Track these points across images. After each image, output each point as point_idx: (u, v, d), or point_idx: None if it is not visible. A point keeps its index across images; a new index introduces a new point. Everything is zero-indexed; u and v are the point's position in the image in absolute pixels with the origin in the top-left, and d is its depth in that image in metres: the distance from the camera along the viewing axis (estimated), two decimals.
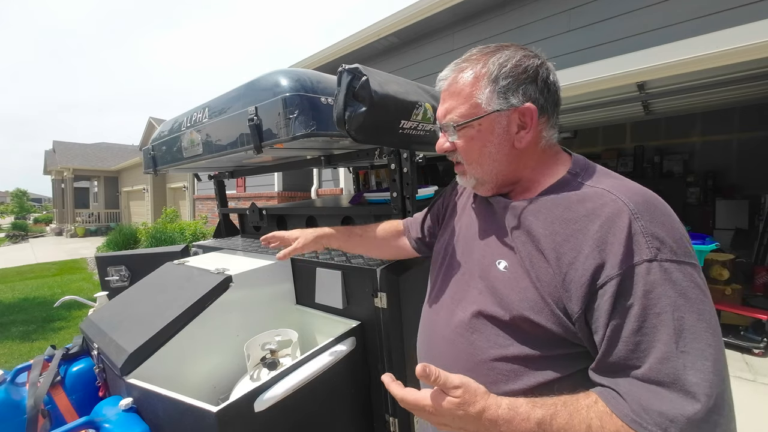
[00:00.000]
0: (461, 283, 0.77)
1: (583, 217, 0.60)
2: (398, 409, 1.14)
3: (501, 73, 0.66)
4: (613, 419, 0.52)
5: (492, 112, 0.67)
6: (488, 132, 0.69)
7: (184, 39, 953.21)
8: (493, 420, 0.53)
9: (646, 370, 0.52)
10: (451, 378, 0.54)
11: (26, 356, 3.45)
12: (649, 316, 0.52)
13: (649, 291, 0.52)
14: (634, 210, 0.57)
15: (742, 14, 2.26)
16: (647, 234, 0.55)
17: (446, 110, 0.72)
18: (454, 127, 0.70)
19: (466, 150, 0.72)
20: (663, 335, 0.51)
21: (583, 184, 0.65)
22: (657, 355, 0.51)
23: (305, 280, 1.39)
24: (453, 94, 0.71)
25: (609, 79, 2.77)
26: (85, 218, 16.90)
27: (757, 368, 2.82)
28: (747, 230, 5.15)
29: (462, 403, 0.53)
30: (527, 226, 0.66)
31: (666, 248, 0.54)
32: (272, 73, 1.15)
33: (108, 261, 1.87)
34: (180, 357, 1.09)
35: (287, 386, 0.89)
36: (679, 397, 0.49)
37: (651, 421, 0.49)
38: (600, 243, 0.56)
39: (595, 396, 0.55)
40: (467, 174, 0.75)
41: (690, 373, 0.49)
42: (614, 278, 0.54)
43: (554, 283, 0.60)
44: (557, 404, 0.54)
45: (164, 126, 1.67)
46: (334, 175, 5.60)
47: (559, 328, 0.60)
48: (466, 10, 3.42)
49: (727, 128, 5.46)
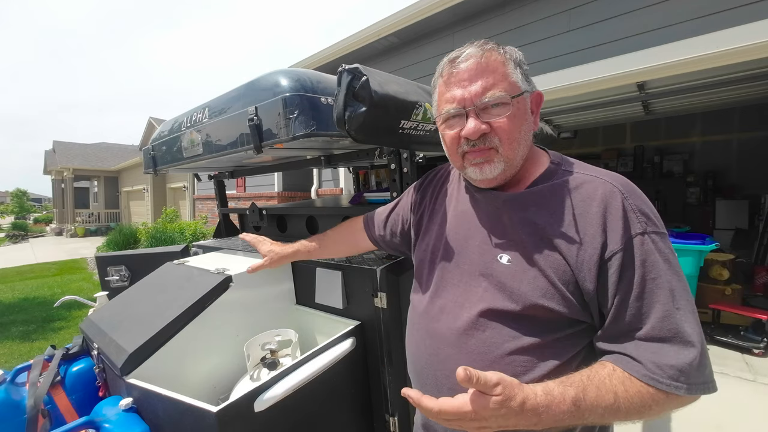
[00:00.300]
0: (462, 285, 0.75)
1: (581, 202, 0.65)
2: (398, 409, 1.14)
3: (520, 59, 0.71)
4: (633, 382, 0.57)
5: (525, 92, 0.69)
6: (523, 112, 0.70)
7: (185, 39, 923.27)
8: (533, 409, 0.53)
9: (649, 329, 0.58)
10: (488, 377, 0.52)
11: (26, 356, 3.45)
12: (647, 282, 0.59)
13: (645, 260, 0.60)
14: (623, 191, 0.64)
15: (742, 14, 2.26)
16: (636, 210, 0.62)
17: (485, 87, 0.66)
18: (512, 97, 0.67)
19: (509, 129, 0.67)
20: (660, 296, 0.59)
21: (570, 173, 0.70)
22: (657, 314, 0.58)
23: (305, 280, 1.39)
24: (488, 70, 0.67)
25: (609, 79, 2.77)
26: (85, 218, 16.90)
27: (757, 368, 2.82)
28: (747, 230, 5.15)
29: (504, 399, 0.52)
30: (531, 217, 0.68)
31: (651, 222, 0.62)
32: (272, 73, 1.15)
33: (108, 261, 1.87)
34: (180, 357, 1.09)
35: (287, 386, 0.89)
36: (681, 347, 0.57)
37: (665, 375, 0.56)
38: (602, 222, 0.62)
39: (611, 365, 0.60)
40: (497, 159, 0.69)
41: (686, 326, 0.58)
42: (618, 252, 0.60)
43: (564, 268, 0.63)
44: (584, 380, 0.57)
45: (164, 126, 1.67)
46: (334, 175, 5.60)
47: (568, 309, 0.63)
48: (466, 10, 3.42)
49: (727, 128, 5.46)
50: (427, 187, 0.95)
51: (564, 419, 0.54)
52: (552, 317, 0.64)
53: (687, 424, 2.20)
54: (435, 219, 0.88)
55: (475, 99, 0.67)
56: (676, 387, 0.55)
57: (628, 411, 0.56)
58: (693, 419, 2.25)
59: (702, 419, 2.24)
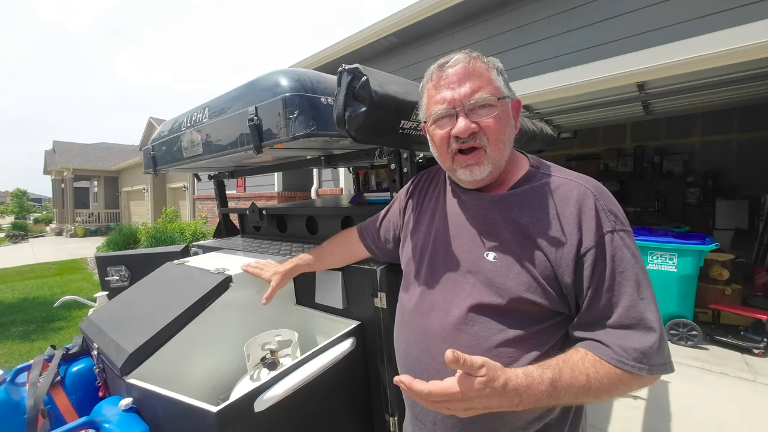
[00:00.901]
0: (450, 282, 0.78)
1: (559, 202, 0.72)
2: (398, 409, 1.14)
3: (501, 68, 0.77)
4: (602, 364, 0.63)
5: (506, 96, 0.75)
6: (507, 115, 0.75)
7: (185, 39, 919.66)
8: (515, 389, 0.58)
9: (617, 317, 0.65)
10: (474, 359, 0.56)
11: (26, 356, 3.45)
12: (616, 275, 0.66)
13: (614, 255, 0.67)
14: (594, 193, 0.71)
15: (742, 14, 2.26)
16: (606, 210, 0.69)
17: (473, 89, 0.71)
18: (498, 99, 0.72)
19: (496, 129, 0.72)
20: (627, 288, 0.65)
21: (547, 176, 0.76)
22: (624, 304, 0.65)
23: (305, 280, 1.39)
24: (474, 74, 0.72)
25: (609, 79, 2.77)
26: (85, 218, 16.91)
27: (757, 368, 2.82)
28: (747, 230, 5.15)
29: (488, 380, 0.56)
30: (514, 216, 0.74)
31: (619, 221, 0.69)
32: (272, 73, 1.15)
33: (108, 261, 1.87)
34: (180, 357, 1.09)
35: (287, 386, 0.88)
36: (644, 333, 0.64)
37: (629, 357, 0.63)
38: (577, 221, 0.69)
39: (583, 350, 0.66)
40: (485, 160, 0.74)
41: (648, 313, 0.65)
42: (592, 248, 0.67)
43: (545, 264, 0.69)
44: (559, 363, 0.63)
45: (164, 126, 1.67)
46: (334, 175, 5.60)
47: (550, 301, 0.69)
48: (466, 10, 3.42)
49: (727, 128, 5.47)
50: (415, 190, 1.00)
51: (543, 399, 0.59)
52: (534, 310, 0.70)
53: (687, 424, 2.20)
54: (423, 220, 0.91)
55: (464, 100, 0.72)
56: (639, 368, 0.62)
57: (599, 390, 0.62)
58: (694, 419, 2.25)
59: (703, 419, 2.24)
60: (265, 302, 1.14)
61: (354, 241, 1.17)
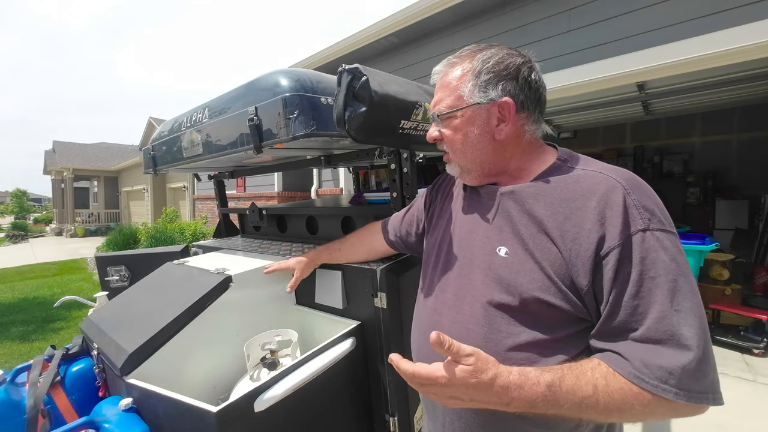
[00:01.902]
0: (462, 278, 0.76)
1: (580, 195, 0.64)
2: (398, 409, 1.14)
3: (483, 68, 0.71)
4: (616, 377, 0.56)
5: (472, 104, 0.72)
6: (469, 123, 0.74)
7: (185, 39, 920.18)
8: (504, 386, 0.54)
9: (644, 330, 0.56)
10: (463, 347, 0.54)
11: (26, 356, 3.45)
12: (645, 280, 0.57)
13: (644, 257, 0.57)
14: (626, 186, 0.62)
15: (742, 14, 2.26)
16: (639, 206, 0.60)
17: (435, 102, 0.78)
18: (438, 116, 0.77)
19: (450, 139, 0.77)
20: (658, 296, 0.56)
21: (573, 168, 0.70)
22: (654, 315, 0.56)
23: (305, 281, 1.39)
24: (442, 86, 0.76)
25: (609, 79, 2.77)
26: (85, 218, 16.90)
27: (757, 368, 2.82)
28: (747, 230, 5.15)
29: (475, 370, 0.53)
30: (528, 208, 0.69)
31: (655, 219, 0.60)
32: (272, 73, 1.15)
33: (108, 261, 1.87)
34: (180, 357, 1.09)
35: (287, 386, 0.88)
36: (675, 350, 0.54)
37: (652, 375, 0.54)
38: (600, 217, 0.61)
39: (597, 360, 0.59)
40: (452, 162, 0.80)
41: (684, 329, 0.55)
42: (615, 248, 0.58)
43: (560, 261, 0.63)
44: (563, 369, 0.57)
45: (164, 126, 1.67)
46: (334, 175, 5.60)
47: (567, 304, 0.62)
48: (466, 10, 3.42)
49: (727, 128, 5.46)
50: (439, 188, 1.00)
51: (538, 403, 0.54)
52: (551, 314, 0.63)
53: (687, 424, 2.20)
54: (443, 216, 0.91)
55: (431, 110, 0.79)
56: (663, 390, 0.53)
57: (607, 406, 0.55)
58: (693, 419, 2.24)
59: (702, 419, 2.24)
60: (290, 291, 1.26)
61: (376, 233, 1.18)
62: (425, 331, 0.80)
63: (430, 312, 0.81)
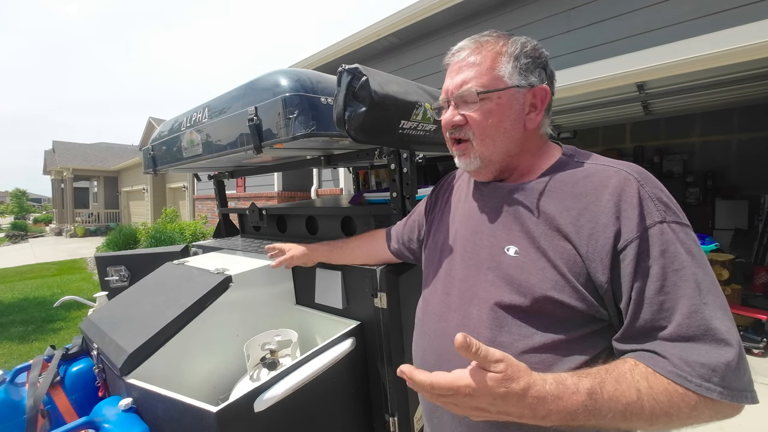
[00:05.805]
0: (469, 281, 0.71)
1: (592, 190, 0.62)
2: (398, 409, 1.14)
3: (522, 52, 0.68)
4: (658, 378, 0.51)
5: (512, 86, 0.67)
6: (507, 107, 0.68)
7: (185, 39, 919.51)
8: (540, 397, 0.48)
9: (675, 327, 0.52)
10: (492, 351, 0.47)
11: (26, 356, 3.44)
12: (669, 274, 0.54)
13: (665, 250, 0.54)
14: (639, 178, 0.60)
15: (742, 14, 2.26)
16: (654, 198, 0.58)
17: (463, 80, 0.69)
18: (477, 93, 0.67)
19: (482, 124, 0.68)
20: (686, 290, 0.53)
21: (582, 163, 0.67)
22: (683, 310, 0.52)
23: (305, 280, 1.39)
24: (472, 64, 0.69)
25: (609, 79, 2.77)
26: (84, 218, 16.89)
27: (757, 368, 2.81)
28: (746, 230, 5.15)
29: (505, 378, 0.47)
30: (539, 206, 0.66)
31: (671, 211, 0.57)
32: (272, 73, 1.15)
33: (108, 261, 1.87)
34: (180, 357, 1.09)
35: (287, 386, 0.88)
36: (713, 346, 0.50)
37: (694, 373, 0.50)
38: (615, 210, 0.58)
39: (633, 360, 0.54)
40: (472, 154, 0.71)
41: (717, 323, 0.51)
42: (633, 241, 0.55)
43: (575, 259, 0.60)
44: (601, 372, 0.52)
45: (164, 126, 1.67)
46: (334, 175, 5.60)
47: (583, 303, 0.59)
48: (466, 10, 3.42)
49: (727, 128, 5.47)
50: (439, 192, 0.97)
51: (578, 415, 0.48)
52: (566, 314, 0.60)
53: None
54: (445, 217, 0.87)
55: (455, 91, 0.70)
56: (708, 389, 0.49)
57: (653, 412, 0.49)
58: None
59: None
60: (273, 266, 1.22)
61: (378, 240, 1.16)
62: (431, 338, 0.76)
63: (435, 318, 0.77)
